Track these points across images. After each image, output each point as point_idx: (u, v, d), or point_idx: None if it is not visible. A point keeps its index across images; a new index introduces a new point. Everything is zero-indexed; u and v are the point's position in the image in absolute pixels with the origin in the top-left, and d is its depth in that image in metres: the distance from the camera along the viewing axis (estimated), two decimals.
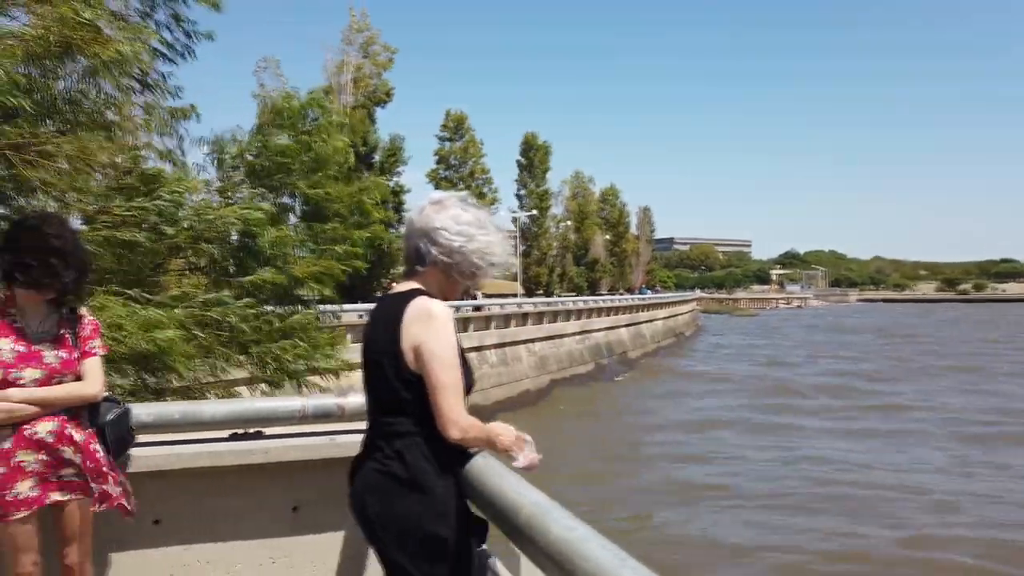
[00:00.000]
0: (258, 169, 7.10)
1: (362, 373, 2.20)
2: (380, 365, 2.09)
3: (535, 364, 30.59)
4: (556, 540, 1.27)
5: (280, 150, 6.91)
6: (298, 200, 8.01)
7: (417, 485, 1.93)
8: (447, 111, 51.32)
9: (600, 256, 69.52)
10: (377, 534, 2.01)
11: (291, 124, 7.53)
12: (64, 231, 2.65)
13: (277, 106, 7.70)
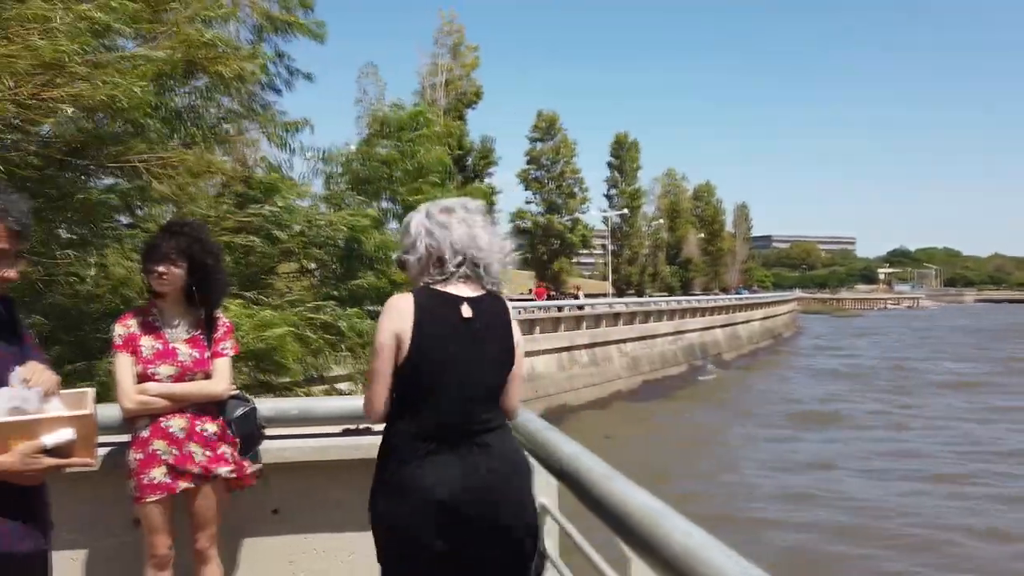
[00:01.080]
0: (362, 177, 7.41)
1: None
2: None
3: (627, 365, 30.28)
4: (673, 545, 1.27)
5: (384, 159, 7.20)
6: (398, 205, 8.33)
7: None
8: (539, 111, 51.54)
9: (694, 255, 68.00)
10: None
11: (396, 135, 7.85)
12: (200, 239, 2.86)
13: (383, 118, 8.07)
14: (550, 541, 2.62)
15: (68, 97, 4.73)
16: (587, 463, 1.80)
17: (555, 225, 49.95)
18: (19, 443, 1.77)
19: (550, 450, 2.15)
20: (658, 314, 35.22)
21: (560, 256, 50.93)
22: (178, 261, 2.76)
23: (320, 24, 7.27)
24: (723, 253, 74.08)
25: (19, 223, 1.86)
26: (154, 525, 2.73)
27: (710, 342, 39.28)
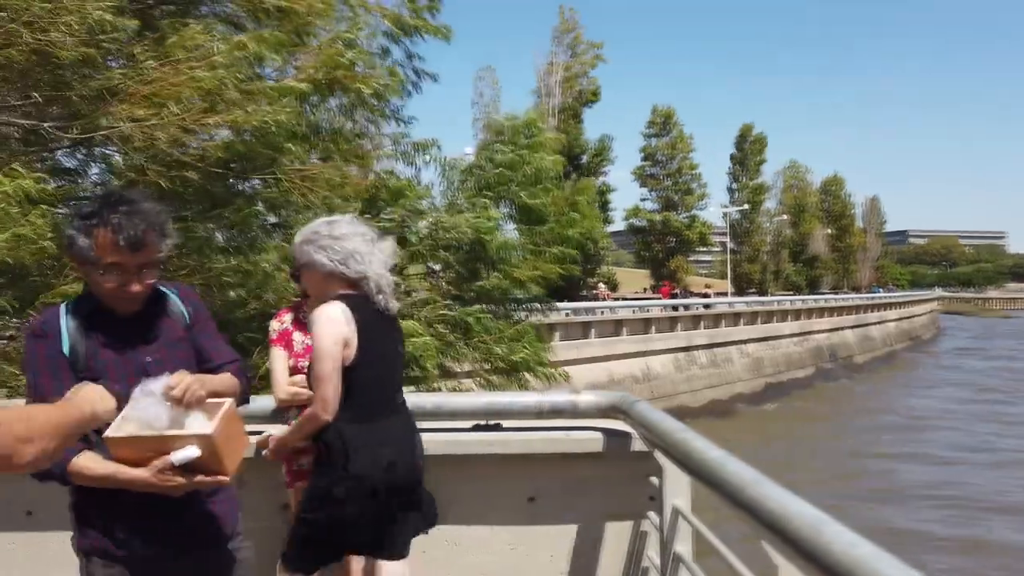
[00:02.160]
0: (483, 183, 7.67)
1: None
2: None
3: (748, 366, 29.20)
4: (836, 554, 1.22)
5: (505, 163, 7.41)
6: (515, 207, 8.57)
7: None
8: (654, 106, 50.60)
9: (821, 252, 64.53)
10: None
11: (512, 142, 8.12)
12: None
13: (497, 127, 8.36)
14: (683, 544, 2.57)
15: (225, 123, 5.19)
16: (735, 466, 1.75)
17: (672, 222, 48.90)
18: (153, 456, 1.77)
19: (687, 451, 2.11)
20: (782, 314, 33.73)
21: (676, 254, 49.81)
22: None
23: (447, 27, 7.60)
24: (853, 250, 69.81)
25: (131, 239, 1.83)
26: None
27: (839, 344, 37.17)
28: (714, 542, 2.26)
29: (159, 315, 2.02)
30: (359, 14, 6.64)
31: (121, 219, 1.83)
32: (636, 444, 2.85)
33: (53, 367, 1.86)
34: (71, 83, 4.98)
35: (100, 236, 1.83)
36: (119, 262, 1.85)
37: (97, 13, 4.69)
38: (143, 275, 1.89)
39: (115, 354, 1.92)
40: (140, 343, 1.96)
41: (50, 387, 1.80)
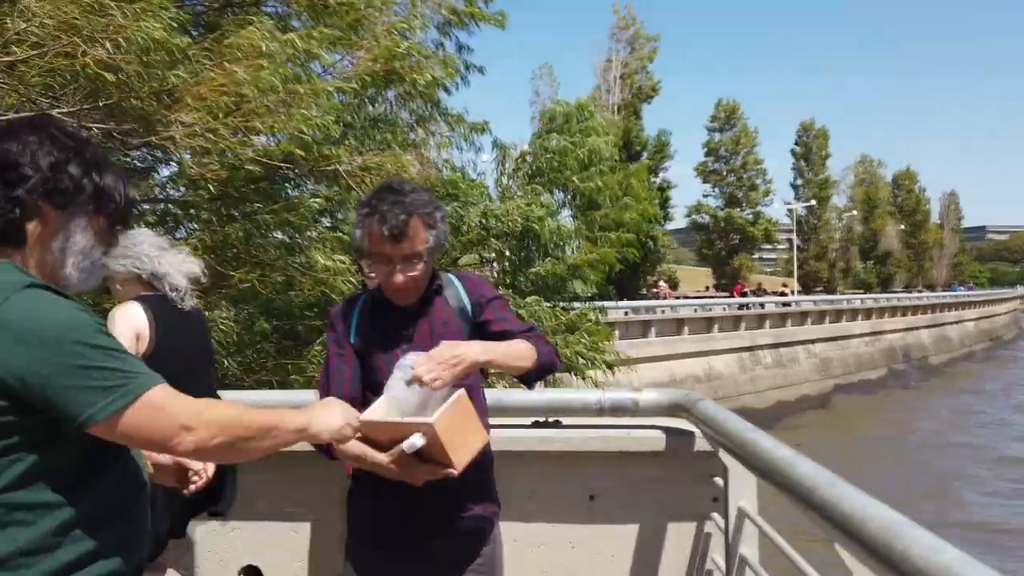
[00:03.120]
0: (535, 170, 7.69)
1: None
2: None
3: (816, 367, 28.35)
4: (916, 559, 1.14)
5: (557, 150, 7.42)
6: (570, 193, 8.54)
7: None
8: (718, 100, 49.68)
9: (893, 249, 62.13)
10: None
11: (564, 127, 8.14)
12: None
13: (551, 113, 8.38)
14: (749, 546, 2.49)
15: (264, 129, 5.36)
16: (807, 467, 1.68)
17: (735, 219, 47.88)
18: (394, 441, 1.75)
19: (755, 451, 2.03)
20: (851, 313, 32.60)
21: (740, 251, 48.74)
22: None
23: (502, 13, 7.64)
24: (928, 246, 66.96)
25: (393, 229, 1.82)
26: None
27: (913, 344, 35.71)
28: (782, 545, 2.18)
29: (437, 307, 2.00)
30: (416, 4, 6.74)
31: (387, 209, 1.83)
32: (699, 443, 2.77)
33: (339, 354, 1.96)
34: (134, 87, 5.19)
35: (370, 227, 1.85)
36: (383, 252, 1.86)
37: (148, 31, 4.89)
38: (406, 266, 1.87)
39: (387, 345, 1.95)
40: (412, 335, 1.97)
41: (335, 373, 1.93)
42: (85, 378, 1.17)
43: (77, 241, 1.30)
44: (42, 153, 1.25)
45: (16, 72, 5.26)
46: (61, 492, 1.20)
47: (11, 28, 5.06)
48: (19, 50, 5.18)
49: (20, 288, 1.19)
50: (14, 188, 1.23)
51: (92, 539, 1.22)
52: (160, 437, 1.24)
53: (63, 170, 1.27)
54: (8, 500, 1.16)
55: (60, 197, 1.27)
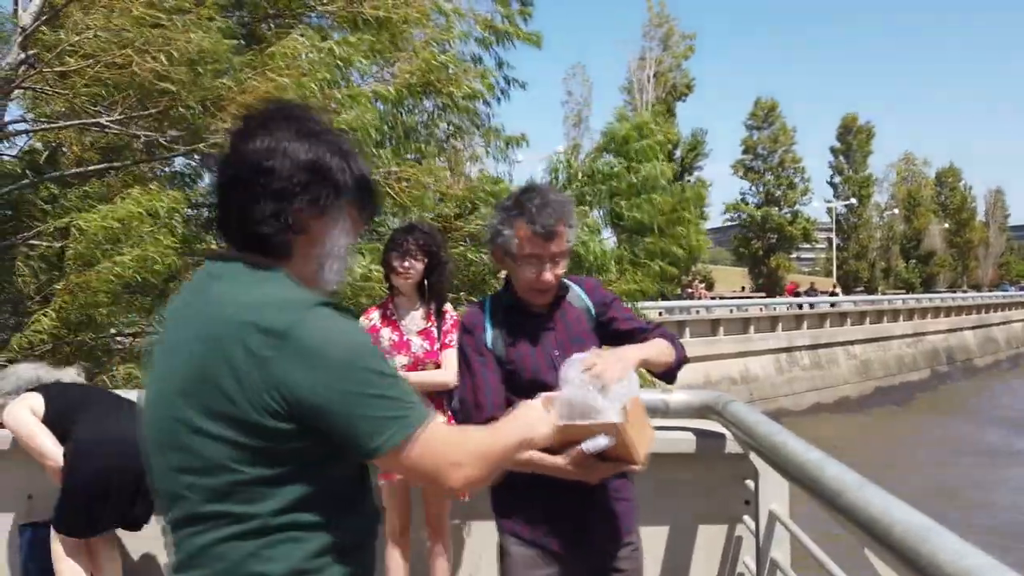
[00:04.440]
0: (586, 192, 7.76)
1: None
2: None
3: (856, 369, 27.80)
4: (943, 564, 1.15)
5: (608, 174, 7.48)
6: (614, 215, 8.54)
7: None
8: (757, 98, 48.99)
9: (936, 248, 60.56)
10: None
11: (623, 148, 8.19)
12: (435, 237, 3.10)
13: (612, 133, 8.40)
14: (780, 550, 2.49)
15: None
16: (835, 470, 1.68)
17: (773, 218, 47.18)
18: (568, 444, 1.75)
19: (785, 454, 2.04)
20: (892, 313, 31.88)
21: (778, 251, 48.00)
22: (419, 256, 3.01)
23: (537, 34, 7.73)
24: (973, 245, 65.13)
25: (547, 228, 1.88)
26: (390, 504, 2.99)
27: (957, 346, 34.79)
28: (813, 549, 2.18)
29: (568, 308, 2.07)
30: (453, 21, 6.85)
31: (536, 210, 1.88)
32: (730, 446, 2.77)
33: (482, 362, 1.97)
34: (181, 96, 5.36)
35: (520, 227, 1.90)
36: (536, 252, 1.90)
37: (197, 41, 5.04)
38: (554, 265, 1.94)
39: (529, 346, 2.01)
40: (550, 336, 2.03)
41: (482, 382, 1.93)
42: (373, 407, 1.12)
43: (336, 244, 1.25)
44: (297, 151, 1.18)
45: (68, 81, 5.46)
46: (327, 517, 1.17)
47: (65, 40, 5.25)
48: (72, 60, 5.38)
49: (311, 307, 1.14)
50: (275, 200, 1.17)
51: (342, 568, 1.19)
52: (434, 471, 1.19)
53: (323, 170, 1.20)
54: (287, 520, 1.13)
55: (321, 201, 1.20)
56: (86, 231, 5.34)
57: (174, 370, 1.16)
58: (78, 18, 5.34)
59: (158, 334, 1.28)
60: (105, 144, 6.37)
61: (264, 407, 1.09)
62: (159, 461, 1.19)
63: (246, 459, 1.11)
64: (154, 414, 1.20)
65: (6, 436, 3.26)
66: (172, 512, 1.18)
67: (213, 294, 1.18)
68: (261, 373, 1.09)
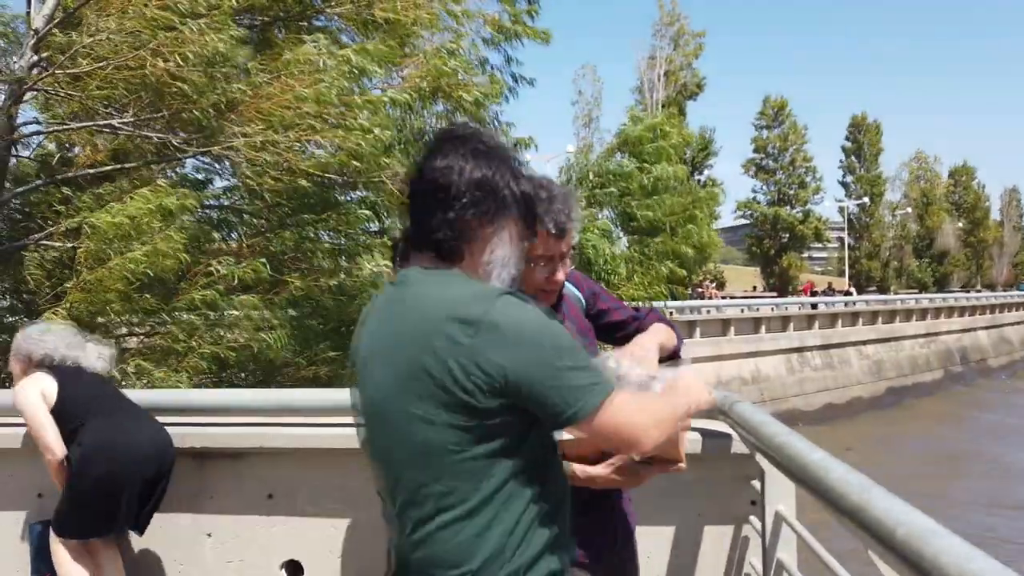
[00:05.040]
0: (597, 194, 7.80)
1: None
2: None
3: (868, 369, 27.61)
4: (946, 567, 1.13)
5: (619, 174, 7.51)
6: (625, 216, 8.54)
7: None
8: (766, 97, 48.77)
9: (950, 247, 60.04)
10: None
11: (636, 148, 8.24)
12: None
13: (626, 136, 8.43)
14: (787, 551, 2.47)
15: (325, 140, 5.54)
16: (840, 471, 1.66)
17: (784, 217, 46.93)
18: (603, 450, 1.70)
19: (789, 454, 2.02)
20: (905, 313, 31.64)
21: (789, 250, 47.74)
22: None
23: (546, 31, 7.74)
24: (987, 244, 64.55)
25: (559, 225, 1.80)
26: None
27: (971, 346, 34.49)
28: (820, 551, 2.16)
29: (569, 304, 2.02)
30: (462, 22, 6.90)
31: (548, 207, 1.78)
32: (736, 446, 2.75)
33: None
34: (194, 99, 5.40)
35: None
36: (549, 253, 1.82)
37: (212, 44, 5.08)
38: (563, 263, 1.87)
39: None
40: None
41: None
42: (566, 378, 1.24)
43: (503, 254, 1.36)
44: (469, 170, 1.32)
45: (80, 84, 5.51)
46: (533, 486, 1.28)
47: (78, 42, 5.29)
48: (85, 62, 5.42)
49: (498, 295, 1.27)
50: (449, 210, 1.31)
51: (548, 532, 1.29)
52: (628, 434, 1.31)
53: (491, 187, 1.33)
54: (503, 493, 1.25)
55: (489, 213, 1.33)
56: (98, 228, 5.41)
57: (391, 370, 1.29)
58: (91, 20, 5.38)
59: (360, 343, 1.41)
60: (117, 146, 6.43)
61: (471, 388, 1.21)
62: (387, 453, 1.32)
63: (464, 440, 1.23)
64: (377, 413, 1.33)
65: (16, 434, 3.29)
66: (400, 499, 1.30)
67: (410, 297, 1.31)
68: (465, 358, 1.21)
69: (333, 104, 5.54)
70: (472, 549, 1.24)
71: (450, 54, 6.52)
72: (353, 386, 1.42)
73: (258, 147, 5.48)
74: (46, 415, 3.01)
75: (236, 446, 3.23)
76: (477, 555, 1.23)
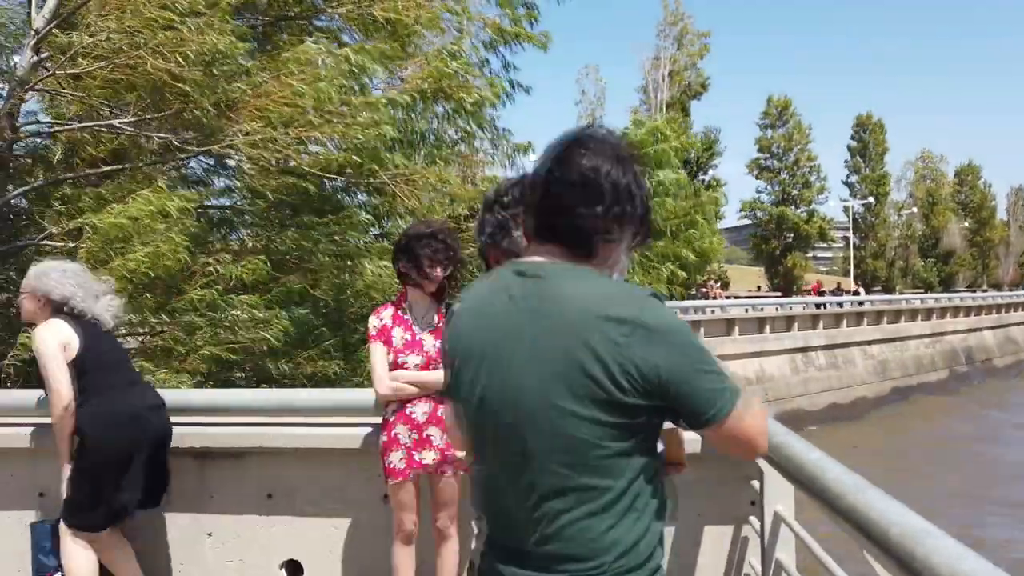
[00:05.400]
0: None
1: None
2: None
3: (873, 369, 27.53)
4: (938, 567, 1.13)
5: None
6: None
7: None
8: (769, 97, 48.66)
9: (955, 246, 59.83)
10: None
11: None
12: (457, 240, 3.10)
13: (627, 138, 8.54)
14: (785, 551, 2.47)
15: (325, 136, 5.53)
16: (836, 472, 1.66)
17: (788, 217, 46.83)
18: None
19: (789, 455, 2.02)
20: (910, 313, 31.51)
21: (794, 250, 47.64)
22: (448, 261, 3.01)
23: (545, 35, 7.74)
24: (993, 244, 64.29)
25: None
26: (398, 503, 2.98)
27: (976, 346, 34.35)
28: (818, 551, 2.16)
29: None
30: (463, 24, 6.91)
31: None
32: None
33: None
34: (195, 99, 5.41)
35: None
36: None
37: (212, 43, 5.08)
38: None
39: None
40: None
41: None
42: (709, 380, 1.29)
43: (622, 257, 1.41)
44: (616, 173, 1.36)
45: (81, 84, 5.52)
46: (653, 482, 1.33)
47: (78, 42, 5.30)
48: (85, 62, 5.43)
49: (647, 296, 1.32)
50: (595, 208, 1.34)
51: (659, 526, 1.35)
52: (751, 439, 1.35)
53: (630, 193, 1.37)
54: (633, 488, 1.29)
55: (624, 217, 1.37)
56: (100, 229, 5.42)
57: (536, 365, 1.28)
58: (91, 20, 5.40)
59: (474, 333, 1.39)
60: (118, 146, 6.45)
61: (626, 387, 1.24)
62: (526, 447, 1.29)
63: (609, 435, 1.26)
64: (516, 407, 1.30)
65: (17, 434, 3.30)
66: (540, 493, 1.29)
67: (551, 290, 1.31)
68: (620, 356, 1.24)
69: (332, 102, 5.55)
70: (608, 543, 1.27)
71: (451, 55, 6.54)
72: (462, 378, 1.39)
73: (257, 145, 5.48)
74: (64, 369, 2.95)
75: (236, 446, 3.24)
76: (612, 549, 1.26)
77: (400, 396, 2.97)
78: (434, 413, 2.97)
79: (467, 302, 1.48)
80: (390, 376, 2.97)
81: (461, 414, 1.44)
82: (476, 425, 1.38)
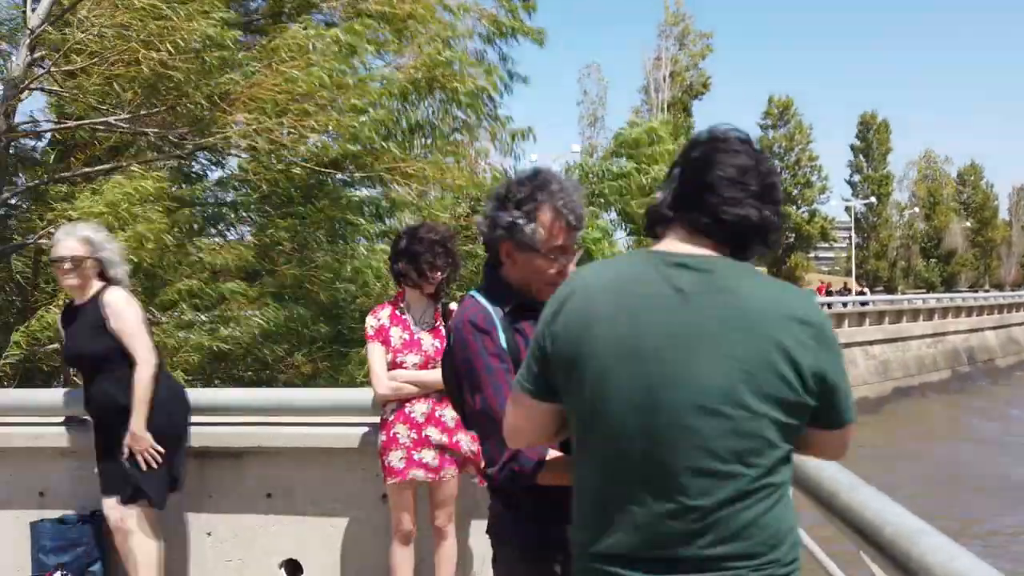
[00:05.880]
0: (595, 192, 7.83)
1: None
2: None
3: (875, 369, 27.50)
4: (933, 566, 1.13)
5: (618, 174, 7.56)
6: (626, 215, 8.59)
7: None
8: (770, 97, 48.62)
9: (957, 246, 59.73)
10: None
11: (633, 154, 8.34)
12: (446, 237, 3.10)
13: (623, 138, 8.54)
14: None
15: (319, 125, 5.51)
16: (830, 470, 1.66)
17: (790, 217, 46.80)
18: None
19: None
20: (912, 313, 31.47)
21: (796, 250, 47.59)
22: (448, 262, 3.02)
23: (541, 30, 7.74)
24: (995, 244, 64.17)
25: (578, 217, 1.76)
26: (396, 503, 2.99)
27: (978, 346, 34.30)
28: (816, 551, 2.15)
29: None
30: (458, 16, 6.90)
31: (564, 199, 1.73)
32: None
33: (504, 366, 1.73)
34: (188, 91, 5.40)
35: (548, 218, 1.73)
36: (566, 243, 1.75)
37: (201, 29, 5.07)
38: (573, 257, 1.80)
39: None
40: None
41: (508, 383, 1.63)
42: (849, 386, 1.34)
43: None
44: (774, 175, 1.38)
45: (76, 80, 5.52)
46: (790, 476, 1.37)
47: (71, 38, 5.30)
48: (79, 59, 5.43)
49: (811, 294, 1.36)
50: (766, 206, 1.35)
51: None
52: (847, 446, 1.42)
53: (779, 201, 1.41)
54: (787, 483, 1.32)
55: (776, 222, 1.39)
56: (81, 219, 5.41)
57: (721, 364, 1.23)
58: (83, 16, 5.39)
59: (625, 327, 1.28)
60: (114, 143, 6.43)
61: (811, 389, 1.26)
62: (707, 446, 1.24)
63: (784, 436, 1.26)
64: (696, 405, 1.24)
65: (19, 433, 3.31)
66: (720, 495, 1.24)
67: (729, 289, 1.28)
68: (809, 359, 1.25)
69: (325, 86, 5.51)
70: (781, 537, 1.28)
71: (445, 44, 6.52)
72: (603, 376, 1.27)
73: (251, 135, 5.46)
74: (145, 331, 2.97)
75: (235, 445, 3.24)
76: (784, 542, 1.28)
77: (399, 396, 2.97)
78: (433, 413, 2.97)
79: (595, 291, 1.33)
80: (389, 376, 2.98)
81: (575, 415, 1.33)
82: (619, 426, 1.27)
